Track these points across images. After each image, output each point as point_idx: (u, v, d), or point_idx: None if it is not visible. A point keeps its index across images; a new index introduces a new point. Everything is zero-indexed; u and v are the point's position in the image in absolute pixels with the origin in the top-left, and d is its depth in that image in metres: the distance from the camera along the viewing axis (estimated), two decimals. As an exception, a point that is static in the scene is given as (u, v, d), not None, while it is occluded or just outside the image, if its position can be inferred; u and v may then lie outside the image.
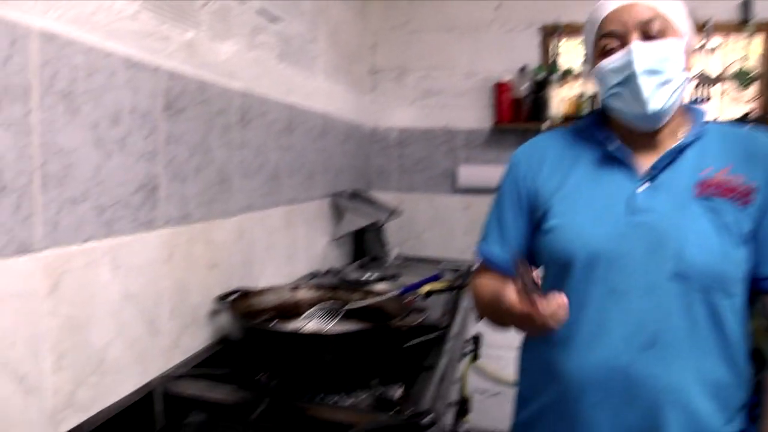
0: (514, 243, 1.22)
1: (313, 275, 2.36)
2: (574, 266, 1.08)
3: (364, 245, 2.93)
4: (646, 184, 1.09)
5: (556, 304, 0.93)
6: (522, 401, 1.24)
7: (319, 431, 1.07)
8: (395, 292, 1.57)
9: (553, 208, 1.14)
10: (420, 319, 1.32)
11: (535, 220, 1.19)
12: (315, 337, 1.31)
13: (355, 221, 2.62)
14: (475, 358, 2.01)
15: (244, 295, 1.58)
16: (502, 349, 3.18)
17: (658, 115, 1.07)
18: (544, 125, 2.96)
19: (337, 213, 2.64)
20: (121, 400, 1.26)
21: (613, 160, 1.13)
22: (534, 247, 1.20)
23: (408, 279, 2.30)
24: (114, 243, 1.23)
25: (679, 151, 1.09)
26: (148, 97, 1.32)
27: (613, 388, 1.05)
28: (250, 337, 1.36)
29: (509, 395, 3.20)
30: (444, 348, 1.61)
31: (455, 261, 2.91)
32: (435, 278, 1.80)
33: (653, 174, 1.09)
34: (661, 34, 1.06)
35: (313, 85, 2.37)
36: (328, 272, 2.34)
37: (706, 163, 1.08)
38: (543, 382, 1.15)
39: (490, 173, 3.11)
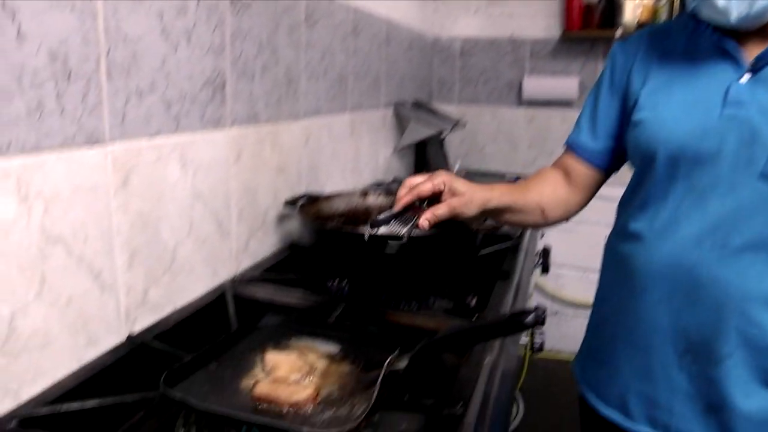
0: (605, 134, 1.17)
1: (378, 185, 2.29)
2: (657, 162, 1.02)
3: (426, 157, 2.84)
4: (748, 75, 0.98)
5: None
6: (598, 301, 1.21)
7: (401, 335, 1.01)
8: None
9: (641, 101, 1.08)
10: (499, 224, 1.25)
11: (627, 113, 1.12)
12: (390, 240, 1.24)
13: (419, 131, 2.53)
14: (544, 270, 1.94)
15: (313, 200, 1.53)
16: (564, 268, 3.13)
17: (748, 20, 0.95)
18: (617, 33, 2.77)
19: (400, 123, 2.54)
20: (193, 302, 1.23)
21: (714, 51, 1.02)
22: (625, 142, 1.14)
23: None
24: (182, 139, 1.18)
25: None
26: (214, -12, 1.24)
27: (676, 287, 1.01)
28: (321, 241, 1.30)
29: (567, 315, 3.21)
30: (518, 257, 1.54)
31: (519, 175, 2.81)
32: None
33: (759, 65, 0.97)
34: None
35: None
36: (393, 181, 2.27)
37: None
38: (617, 280, 1.13)
39: (556, 85, 2.97)
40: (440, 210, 1.05)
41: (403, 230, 1.05)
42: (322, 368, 0.96)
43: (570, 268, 3.15)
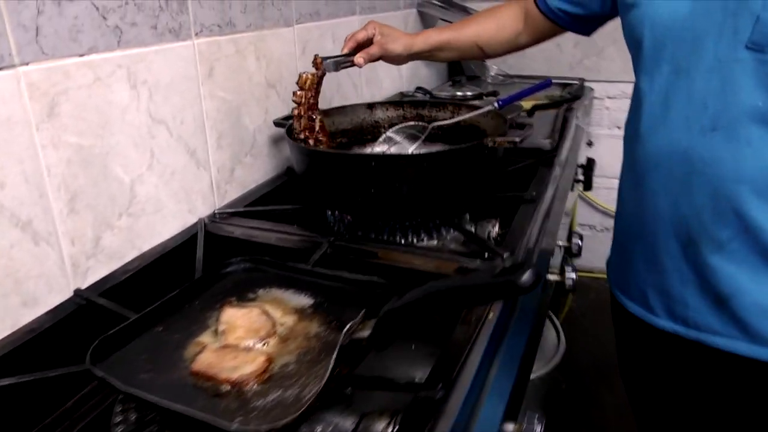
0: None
1: (401, 95, 2.07)
2: (644, 47, 0.98)
3: (461, 62, 2.57)
4: None
5: None
6: (618, 200, 1.16)
7: (391, 282, 0.83)
8: (491, 107, 1.26)
9: None
10: (521, 138, 1.02)
11: None
12: (389, 161, 1.04)
13: (448, 33, 2.26)
14: (587, 187, 1.70)
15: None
16: (617, 178, 2.84)
17: None
18: None
19: (426, 24, 2.28)
20: (158, 246, 1.07)
21: None
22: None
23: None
24: (127, 56, 0.98)
25: None
26: None
27: (672, 174, 0.97)
28: (314, 166, 1.10)
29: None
30: (550, 176, 1.31)
31: (563, 79, 2.52)
32: (541, 87, 1.46)
33: None
34: None
35: None
36: (417, 91, 2.02)
37: None
38: (626, 175, 1.11)
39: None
40: (373, 49, 1.20)
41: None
42: (285, 329, 0.78)
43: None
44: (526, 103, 1.74)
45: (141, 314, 0.81)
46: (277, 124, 1.29)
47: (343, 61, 1.18)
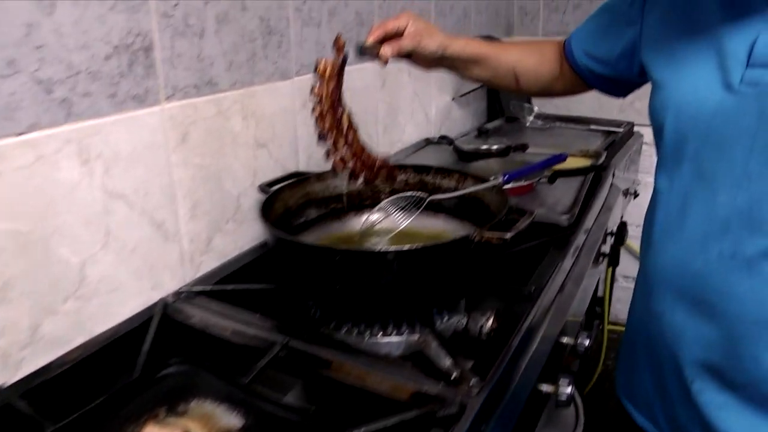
0: (606, 56, 1.05)
1: (426, 142, 1.95)
2: (665, 138, 0.86)
3: (501, 102, 2.44)
4: None
5: None
6: (633, 297, 1.06)
7: (330, 404, 0.72)
8: (495, 182, 1.13)
9: (650, 53, 0.90)
10: (512, 234, 0.89)
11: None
12: (356, 257, 0.92)
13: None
14: (613, 262, 1.54)
15: (301, 180, 1.22)
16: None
17: None
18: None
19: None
20: (108, 331, 0.99)
21: None
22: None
23: (539, 151, 1.82)
24: (79, 129, 0.91)
25: None
26: None
27: (682, 296, 0.86)
28: (278, 250, 1.01)
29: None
30: (562, 262, 1.18)
31: (612, 122, 2.35)
32: (555, 161, 1.32)
33: None
34: None
35: None
36: (441, 140, 1.90)
37: None
38: (638, 277, 1.01)
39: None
40: (404, 41, 1.02)
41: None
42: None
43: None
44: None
45: (56, 428, 0.73)
46: (262, 189, 1.20)
47: (371, 48, 1.01)
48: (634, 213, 2.66)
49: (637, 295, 1.02)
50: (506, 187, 1.26)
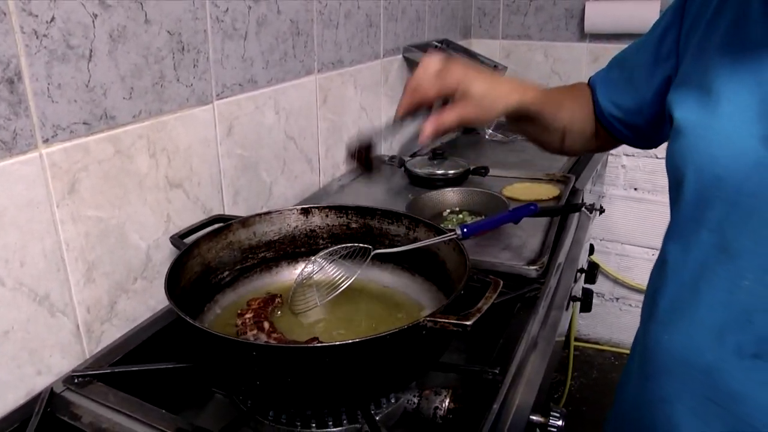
0: (633, 97, 0.86)
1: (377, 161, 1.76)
2: (683, 197, 0.70)
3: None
4: None
5: None
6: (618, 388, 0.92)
7: None
8: (452, 235, 0.96)
9: (677, 92, 0.73)
10: (472, 322, 0.71)
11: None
12: (278, 353, 0.73)
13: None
14: (585, 308, 1.38)
15: (224, 227, 1.02)
16: (630, 245, 2.51)
17: None
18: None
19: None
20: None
21: None
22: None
23: (501, 174, 1.64)
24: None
25: None
26: None
27: (685, 389, 0.72)
28: (191, 338, 0.81)
29: (631, 302, 2.63)
30: (535, 315, 1.01)
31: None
32: (524, 212, 1.13)
33: None
34: None
35: None
36: (390, 161, 1.71)
37: None
38: (634, 359, 0.84)
39: (630, 11, 2.28)
40: (448, 117, 0.79)
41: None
42: None
43: (637, 245, 2.55)
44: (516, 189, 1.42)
45: None
46: (174, 242, 1.00)
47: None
48: (600, 227, 2.54)
49: (632, 370, 0.85)
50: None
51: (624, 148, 2.40)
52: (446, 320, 0.71)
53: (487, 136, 2.15)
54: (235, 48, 1.16)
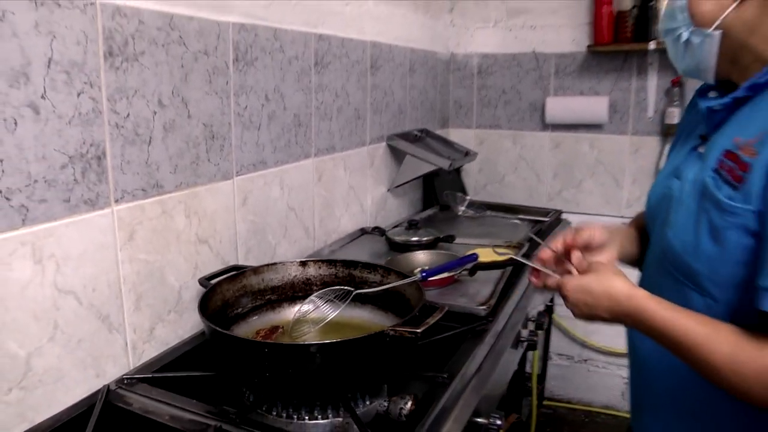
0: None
1: (362, 232, 2.07)
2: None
3: (435, 191, 2.60)
4: (702, 145, 0.98)
5: None
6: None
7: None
8: (414, 278, 1.25)
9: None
10: (422, 330, 1.01)
11: None
12: (282, 350, 1.02)
13: (418, 166, 2.29)
14: (532, 347, 1.66)
15: (238, 274, 1.32)
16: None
17: (694, 74, 0.98)
18: (651, 46, 2.45)
19: (398, 158, 2.32)
20: (51, 418, 1.06)
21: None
22: None
23: (466, 242, 1.96)
24: (33, 233, 1.00)
25: (732, 107, 0.92)
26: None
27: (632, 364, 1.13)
28: (214, 342, 1.10)
29: (598, 363, 2.88)
30: (482, 342, 1.29)
31: (540, 210, 2.53)
32: (467, 260, 1.45)
33: (708, 132, 0.97)
34: None
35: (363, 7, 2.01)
36: (374, 231, 2.04)
37: (747, 127, 0.87)
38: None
39: (585, 106, 2.66)
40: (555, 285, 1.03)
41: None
42: None
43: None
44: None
45: None
46: (201, 283, 1.30)
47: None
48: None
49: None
50: (432, 278, 1.40)
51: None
52: (403, 329, 1.01)
53: (459, 213, 2.48)
54: (251, 136, 1.49)
